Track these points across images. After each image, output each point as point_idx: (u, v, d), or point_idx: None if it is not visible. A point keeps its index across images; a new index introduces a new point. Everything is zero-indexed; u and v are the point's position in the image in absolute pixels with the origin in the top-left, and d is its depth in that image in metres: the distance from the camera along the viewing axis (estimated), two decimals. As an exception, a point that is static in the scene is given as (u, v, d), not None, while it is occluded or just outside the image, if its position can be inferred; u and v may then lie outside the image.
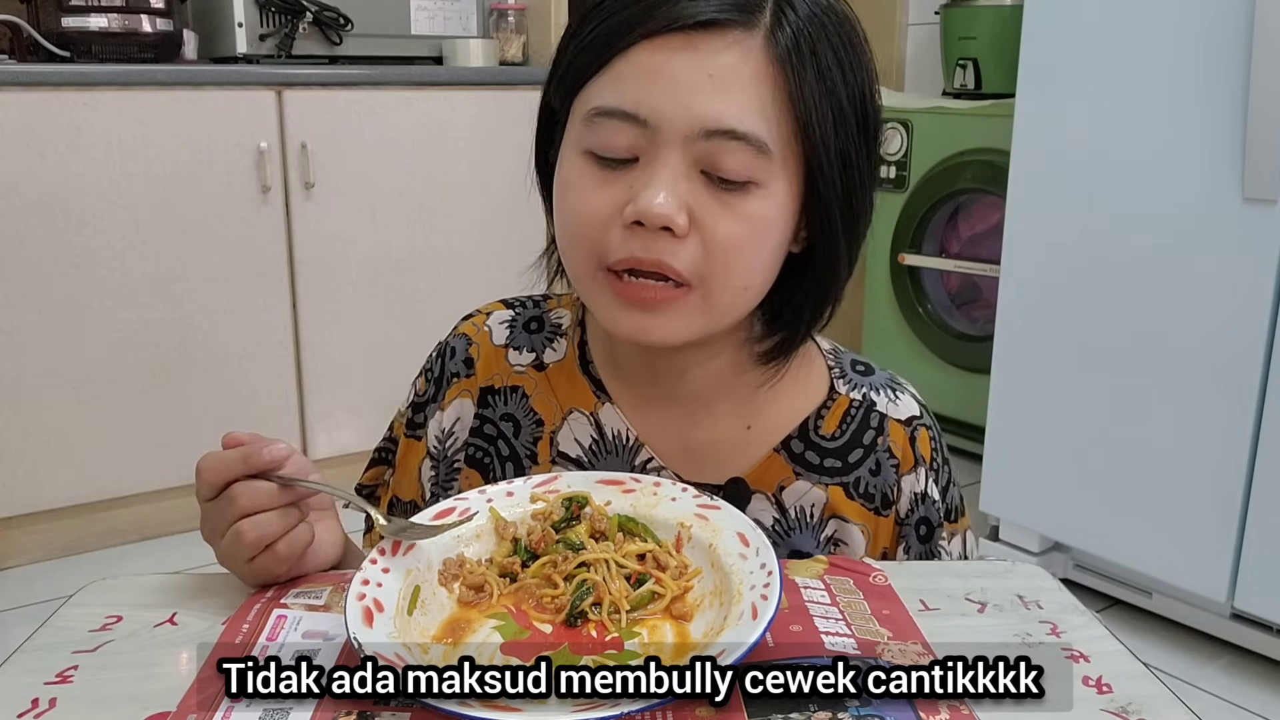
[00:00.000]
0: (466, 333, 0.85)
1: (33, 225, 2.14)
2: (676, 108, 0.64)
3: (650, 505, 0.69)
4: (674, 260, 0.66)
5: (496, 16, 2.81)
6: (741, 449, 0.79)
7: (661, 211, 0.64)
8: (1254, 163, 1.70)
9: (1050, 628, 0.65)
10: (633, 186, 0.66)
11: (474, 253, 2.60)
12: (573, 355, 0.82)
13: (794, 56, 0.65)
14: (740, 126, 0.65)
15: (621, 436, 0.80)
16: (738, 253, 0.67)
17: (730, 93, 0.64)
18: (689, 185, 0.66)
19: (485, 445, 0.83)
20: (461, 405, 0.83)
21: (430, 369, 0.86)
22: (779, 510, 0.79)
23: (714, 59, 0.64)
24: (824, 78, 0.66)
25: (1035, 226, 2.07)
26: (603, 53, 0.67)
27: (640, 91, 0.65)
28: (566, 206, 0.70)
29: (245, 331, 2.39)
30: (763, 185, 0.67)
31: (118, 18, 2.30)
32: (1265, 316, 1.74)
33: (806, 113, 0.66)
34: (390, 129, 2.47)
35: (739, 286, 0.69)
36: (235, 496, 0.65)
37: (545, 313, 0.86)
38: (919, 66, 3.00)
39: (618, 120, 0.66)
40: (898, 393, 0.81)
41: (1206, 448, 1.83)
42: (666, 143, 0.65)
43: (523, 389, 0.82)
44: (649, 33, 0.65)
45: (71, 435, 2.24)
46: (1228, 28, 1.71)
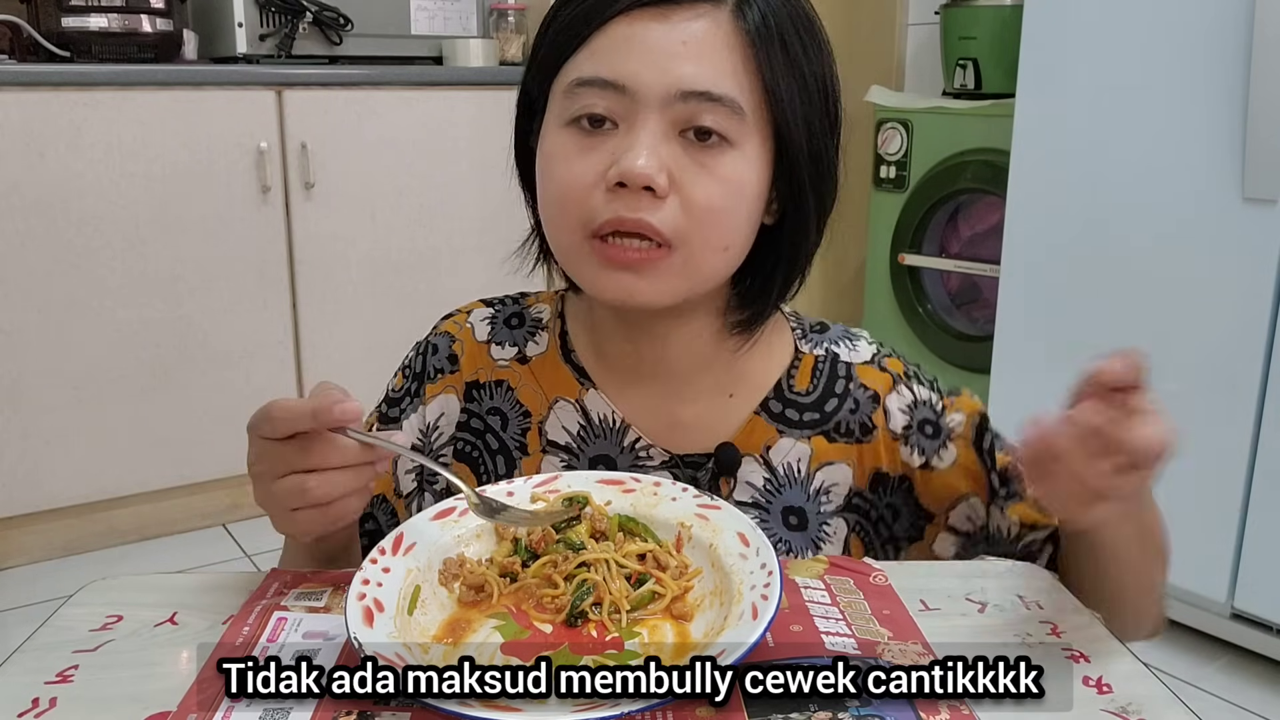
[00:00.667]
0: (449, 330, 0.86)
1: (33, 225, 2.14)
2: (654, 72, 0.68)
3: (650, 505, 0.69)
4: (655, 219, 0.69)
5: (496, 16, 2.81)
6: (725, 417, 0.81)
7: (644, 171, 0.67)
8: (1254, 163, 1.70)
9: (1050, 628, 0.65)
10: (614, 152, 0.69)
11: (474, 253, 2.60)
12: (555, 346, 0.84)
13: (760, 31, 0.70)
14: (715, 89, 0.68)
15: (608, 420, 0.81)
16: (716, 212, 0.70)
17: (704, 58, 0.68)
18: (668, 148, 0.69)
19: (473, 439, 0.84)
20: (446, 401, 0.84)
21: (409, 366, 0.87)
22: (768, 470, 0.80)
23: (686, 27, 0.69)
24: (788, 53, 0.71)
25: (1035, 226, 2.07)
26: (580, 30, 0.70)
27: (618, 60, 0.69)
28: (551, 178, 0.73)
29: (245, 331, 2.39)
30: (736, 145, 0.70)
31: (118, 18, 2.30)
32: (1265, 316, 1.74)
33: (774, 80, 0.70)
34: (390, 129, 2.47)
35: (718, 247, 0.72)
36: (309, 447, 0.62)
37: (525, 308, 0.87)
38: (919, 66, 2.99)
39: (597, 88, 0.69)
40: (854, 341, 0.85)
41: (1206, 448, 1.83)
42: (645, 107, 0.68)
43: (508, 382, 0.84)
44: (624, 8, 0.69)
45: (71, 435, 2.24)
46: (1228, 28, 1.71)
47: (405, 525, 0.68)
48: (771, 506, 0.80)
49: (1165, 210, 1.84)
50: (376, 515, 0.85)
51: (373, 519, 0.85)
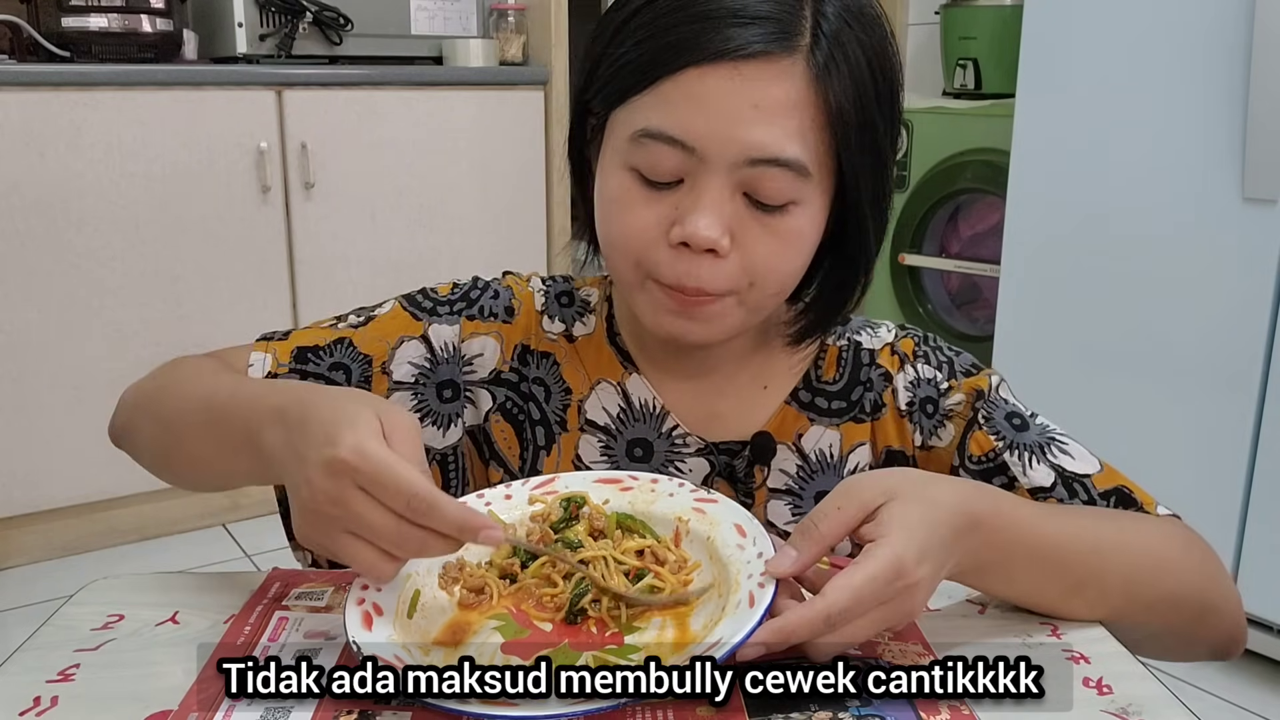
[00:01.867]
0: (512, 286, 0.86)
1: (33, 225, 2.14)
2: (723, 136, 0.67)
3: (648, 502, 0.70)
4: (716, 281, 0.70)
5: (496, 16, 2.81)
6: (760, 407, 0.83)
7: (708, 235, 0.68)
8: (1254, 163, 1.70)
9: (1050, 629, 0.65)
10: (678, 207, 0.69)
11: (474, 253, 2.60)
12: (601, 328, 0.85)
13: (830, 70, 0.67)
14: (782, 155, 0.67)
15: (649, 405, 0.82)
16: (776, 268, 0.72)
17: (774, 122, 0.67)
18: (732, 208, 0.69)
19: (522, 403, 0.84)
20: (487, 343, 0.84)
21: (463, 288, 0.86)
22: (800, 457, 0.82)
23: (759, 90, 0.67)
24: (855, 76, 0.68)
25: (1035, 226, 2.07)
26: (649, 72, 0.69)
27: (688, 118, 0.67)
28: (612, 221, 0.73)
29: (245, 331, 2.36)
30: (801, 204, 0.70)
31: (118, 18, 2.30)
32: (1265, 316, 1.74)
33: (845, 129, 0.68)
34: (390, 129, 2.47)
35: (776, 293, 0.74)
36: (414, 533, 0.56)
37: (574, 289, 0.88)
38: (919, 66, 2.99)
39: (665, 144, 0.68)
40: (875, 328, 0.86)
41: (1206, 448, 1.83)
42: (711, 169, 0.68)
43: (554, 356, 0.84)
44: (697, 60, 0.67)
45: (71, 435, 2.24)
46: (1228, 28, 1.71)
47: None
48: (804, 492, 0.82)
49: (1165, 210, 1.84)
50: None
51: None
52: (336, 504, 0.55)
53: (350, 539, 0.56)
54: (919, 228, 2.65)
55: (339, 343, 0.83)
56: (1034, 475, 0.76)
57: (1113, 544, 0.69)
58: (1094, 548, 0.68)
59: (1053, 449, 0.77)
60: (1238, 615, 0.75)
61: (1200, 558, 0.74)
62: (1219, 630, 0.74)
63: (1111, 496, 0.76)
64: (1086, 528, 0.69)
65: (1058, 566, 0.66)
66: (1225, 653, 0.76)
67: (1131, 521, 0.74)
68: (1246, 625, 0.76)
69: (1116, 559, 0.69)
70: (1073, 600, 0.66)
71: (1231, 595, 0.75)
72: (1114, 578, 0.68)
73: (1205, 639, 0.75)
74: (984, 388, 0.80)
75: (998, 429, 0.78)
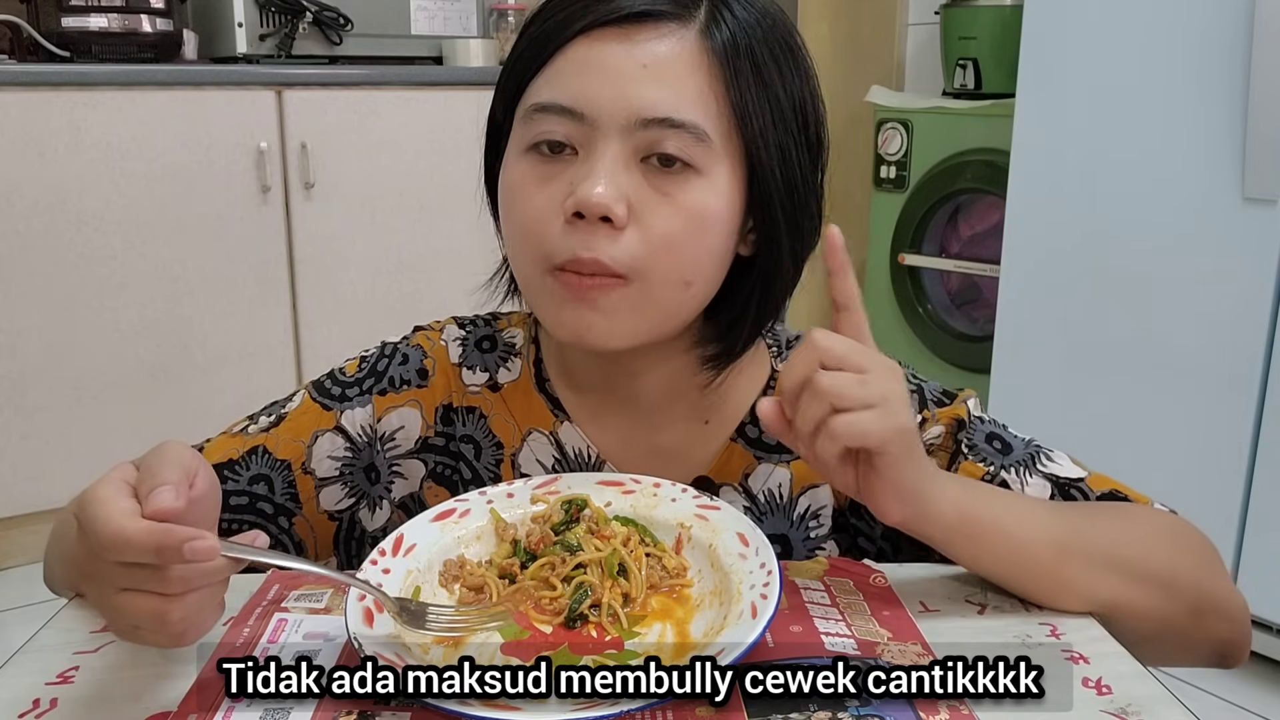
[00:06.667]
0: (422, 344, 0.83)
1: (33, 225, 2.14)
2: (612, 98, 0.65)
3: (650, 506, 0.69)
4: (611, 255, 0.66)
5: (496, 16, 2.81)
6: (702, 445, 0.78)
7: (600, 200, 0.64)
8: (1254, 163, 1.70)
9: (1050, 629, 0.65)
10: (572, 180, 0.66)
11: (474, 253, 2.59)
12: (528, 374, 0.81)
13: (729, 51, 0.66)
14: (676, 115, 0.65)
15: (583, 454, 0.79)
16: (675, 244, 0.67)
17: (665, 82, 0.65)
18: (628, 177, 0.66)
19: (452, 463, 0.81)
20: (406, 415, 0.80)
21: (370, 360, 0.82)
22: (748, 498, 0.78)
23: (648, 48, 0.66)
24: (760, 73, 0.67)
25: (1035, 226, 2.07)
26: (541, 52, 0.68)
27: (576, 85, 0.66)
28: (513, 210, 0.70)
29: (245, 331, 2.39)
30: (702, 173, 0.67)
31: (117, 18, 2.30)
32: (1265, 316, 1.74)
33: (743, 103, 0.66)
34: (390, 129, 2.47)
35: (679, 281, 0.68)
36: (171, 578, 0.51)
37: (497, 332, 0.84)
38: (919, 66, 2.99)
39: (554, 114, 0.67)
40: None
41: (1206, 448, 1.83)
42: (604, 135, 0.66)
43: (480, 410, 0.81)
44: (585, 27, 0.66)
45: (71, 435, 2.24)
46: (1228, 28, 1.71)
47: (406, 527, 0.68)
48: None
49: (1165, 210, 1.84)
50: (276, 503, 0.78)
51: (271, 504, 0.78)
52: (90, 564, 0.52)
53: (126, 597, 0.52)
54: (919, 228, 2.65)
55: (253, 452, 0.78)
56: (1031, 490, 0.74)
57: (1100, 511, 0.69)
58: (1081, 513, 0.68)
59: (1041, 459, 0.76)
60: (1241, 618, 0.72)
61: (1198, 547, 0.73)
62: (1220, 631, 0.72)
63: (1106, 499, 0.75)
64: (1073, 503, 0.70)
65: (1040, 527, 0.65)
66: (1228, 658, 0.73)
67: (1123, 505, 0.73)
68: (1251, 632, 0.74)
69: (1104, 523, 0.68)
70: (1062, 568, 0.65)
71: (1234, 597, 0.72)
72: (1101, 539, 0.67)
73: (1205, 639, 0.73)
74: (962, 416, 0.77)
75: (983, 455, 0.75)
